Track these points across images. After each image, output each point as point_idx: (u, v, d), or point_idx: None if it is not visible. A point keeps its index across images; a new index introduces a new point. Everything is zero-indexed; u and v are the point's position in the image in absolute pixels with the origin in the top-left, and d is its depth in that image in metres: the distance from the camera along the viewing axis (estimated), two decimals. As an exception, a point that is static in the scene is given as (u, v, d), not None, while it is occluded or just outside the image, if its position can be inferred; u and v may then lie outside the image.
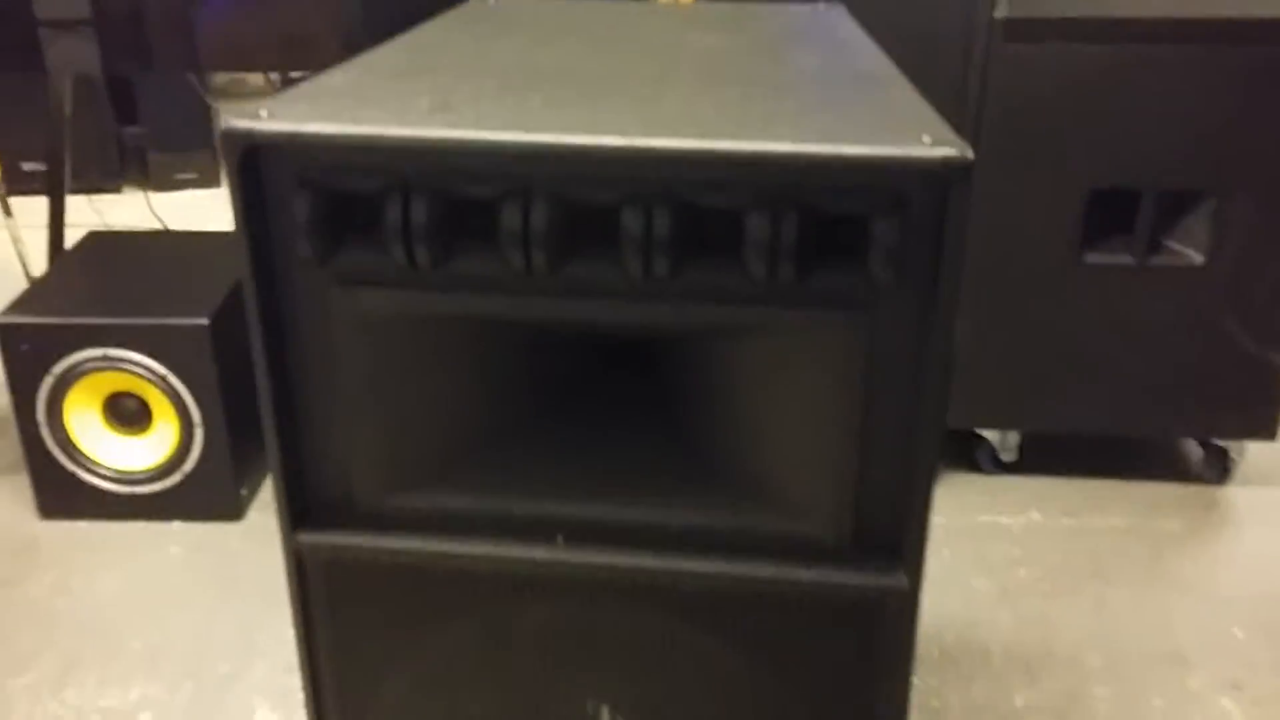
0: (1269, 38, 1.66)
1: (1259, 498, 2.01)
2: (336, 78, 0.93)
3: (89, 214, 2.28)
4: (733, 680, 0.95)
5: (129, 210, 3.15)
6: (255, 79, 3.95)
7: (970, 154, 0.75)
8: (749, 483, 0.89)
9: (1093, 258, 1.83)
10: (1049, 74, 1.71)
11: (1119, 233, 1.82)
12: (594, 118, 0.83)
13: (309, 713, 1.01)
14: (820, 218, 0.79)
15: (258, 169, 0.81)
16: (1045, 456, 2.05)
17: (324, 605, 0.96)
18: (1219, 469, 2.01)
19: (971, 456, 2.06)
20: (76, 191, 2.46)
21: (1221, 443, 1.99)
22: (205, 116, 3.36)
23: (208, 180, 3.40)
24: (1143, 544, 1.88)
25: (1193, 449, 2.10)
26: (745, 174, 0.78)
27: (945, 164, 0.75)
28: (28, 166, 3.00)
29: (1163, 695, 1.57)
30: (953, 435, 2.03)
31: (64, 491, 1.88)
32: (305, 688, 1.00)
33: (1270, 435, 1.92)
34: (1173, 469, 2.09)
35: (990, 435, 2.01)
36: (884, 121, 0.84)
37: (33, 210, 2.30)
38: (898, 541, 0.89)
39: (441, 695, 0.99)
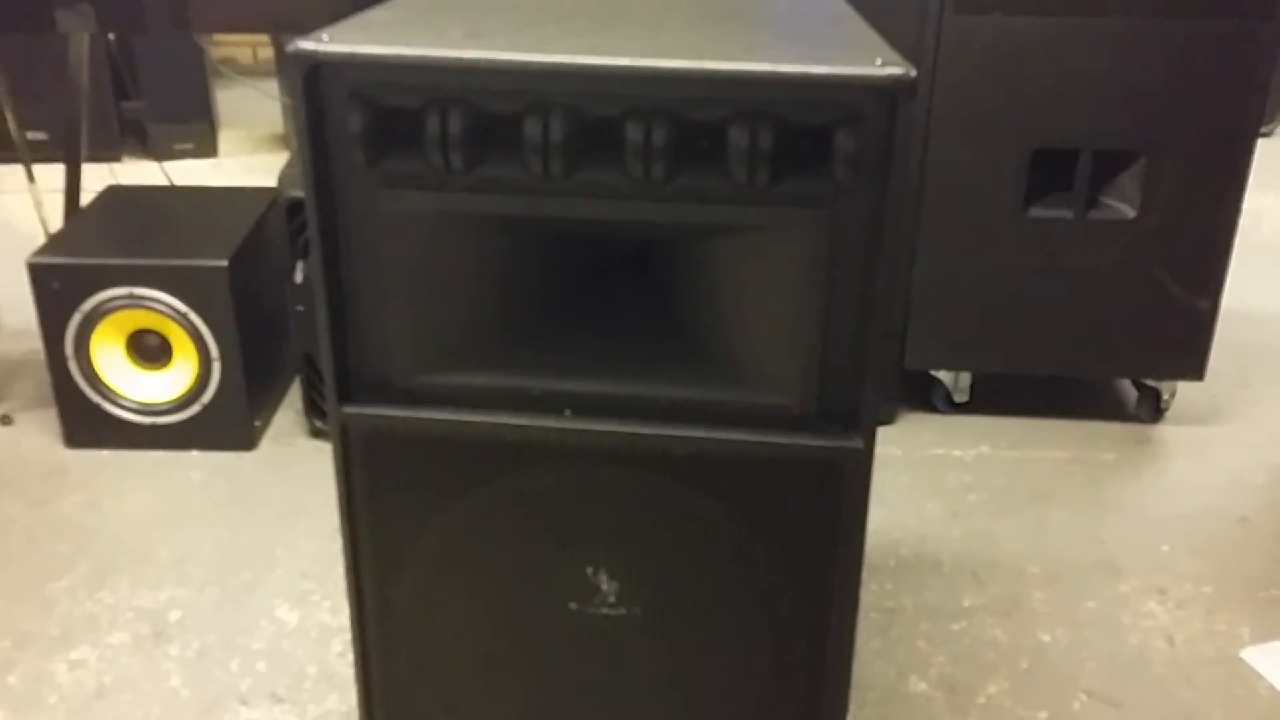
0: (1192, 12, 1.85)
1: (1188, 434, 2.20)
2: (380, 13, 1.09)
3: (94, 180, 2.40)
4: (714, 535, 1.11)
5: (133, 177, 3.28)
6: (245, 56, 4.10)
7: (914, 73, 0.92)
8: (729, 361, 1.05)
9: (1036, 212, 2.01)
10: (994, 43, 1.88)
11: (1059, 190, 2.00)
12: (603, 44, 0.99)
13: (347, 570, 1.16)
14: (790, 129, 0.95)
15: (319, 85, 0.97)
16: (995, 397, 2.23)
17: (363, 472, 1.12)
18: (1152, 408, 2.20)
19: (927, 397, 2.24)
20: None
21: (1154, 384, 2.18)
22: (203, 89, 3.50)
23: (205, 150, 3.54)
24: (1081, 473, 2.06)
25: (1128, 390, 2.29)
26: (728, 91, 0.94)
27: (893, 81, 0.91)
28: (31, 135, 3.13)
29: (1095, 598, 1.75)
30: (909, 378, 2.21)
31: (89, 422, 2.03)
32: (345, 547, 1.15)
33: (1198, 376, 2.10)
34: (1111, 409, 2.27)
35: (944, 377, 2.19)
36: (844, 49, 1.00)
37: (38, 176, 2.43)
38: (855, 410, 1.05)
39: (464, 556, 1.15)
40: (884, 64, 0.92)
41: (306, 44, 0.95)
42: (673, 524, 1.11)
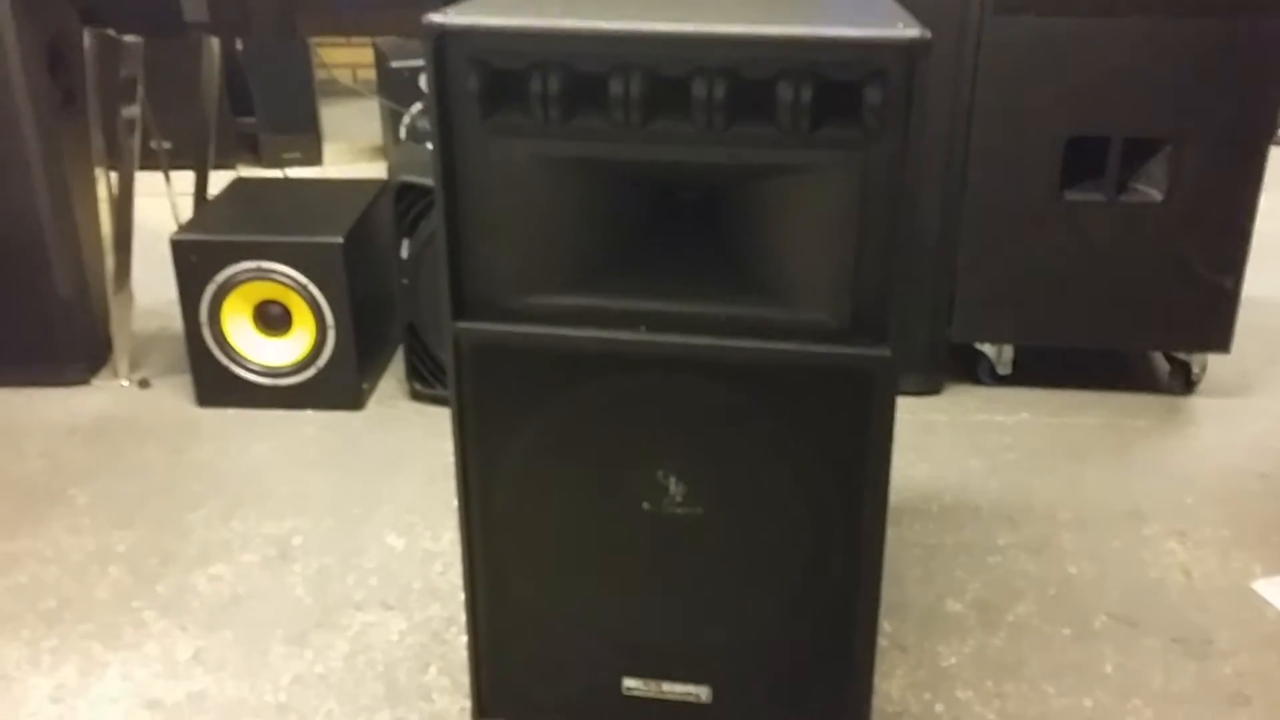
0: (1211, 11, 2.04)
1: (1216, 405, 2.36)
2: (492, -2, 1.33)
3: (215, 187, 2.68)
4: (763, 435, 1.31)
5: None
6: (345, 76, 4.41)
7: (929, 35, 1.13)
8: (777, 284, 1.26)
9: (1071, 195, 2.20)
10: (1029, 41, 2.09)
11: (1093, 175, 2.19)
12: (673, 14, 1.21)
13: (457, 464, 1.38)
14: (828, 85, 1.16)
15: (444, 52, 1.20)
16: (1037, 370, 2.42)
17: (471, 378, 1.34)
18: (1183, 380, 2.37)
19: (973, 370, 2.42)
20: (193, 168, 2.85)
21: (1184, 357, 2.35)
22: (310, 104, 3.81)
23: (310, 159, 3.84)
24: (1114, 436, 2.24)
25: (1162, 364, 2.46)
26: (776, 52, 1.15)
27: (912, 42, 1.13)
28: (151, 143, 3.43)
29: (1120, 539, 1.92)
30: (955, 351, 2.40)
31: (219, 384, 2.29)
32: (455, 443, 1.37)
33: (1224, 348, 2.27)
34: (1145, 382, 2.45)
35: (988, 350, 2.38)
36: (873, 17, 1.21)
37: (153, 182, 2.72)
38: (883, 324, 1.25)
39: (554, 456, 1.36)
40: (904, 28, 1.13)
41: (435, 17, 1.19)
42: (728, 426, 1.32)
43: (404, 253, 2.19)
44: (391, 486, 2.08)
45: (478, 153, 1.24)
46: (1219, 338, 2.26)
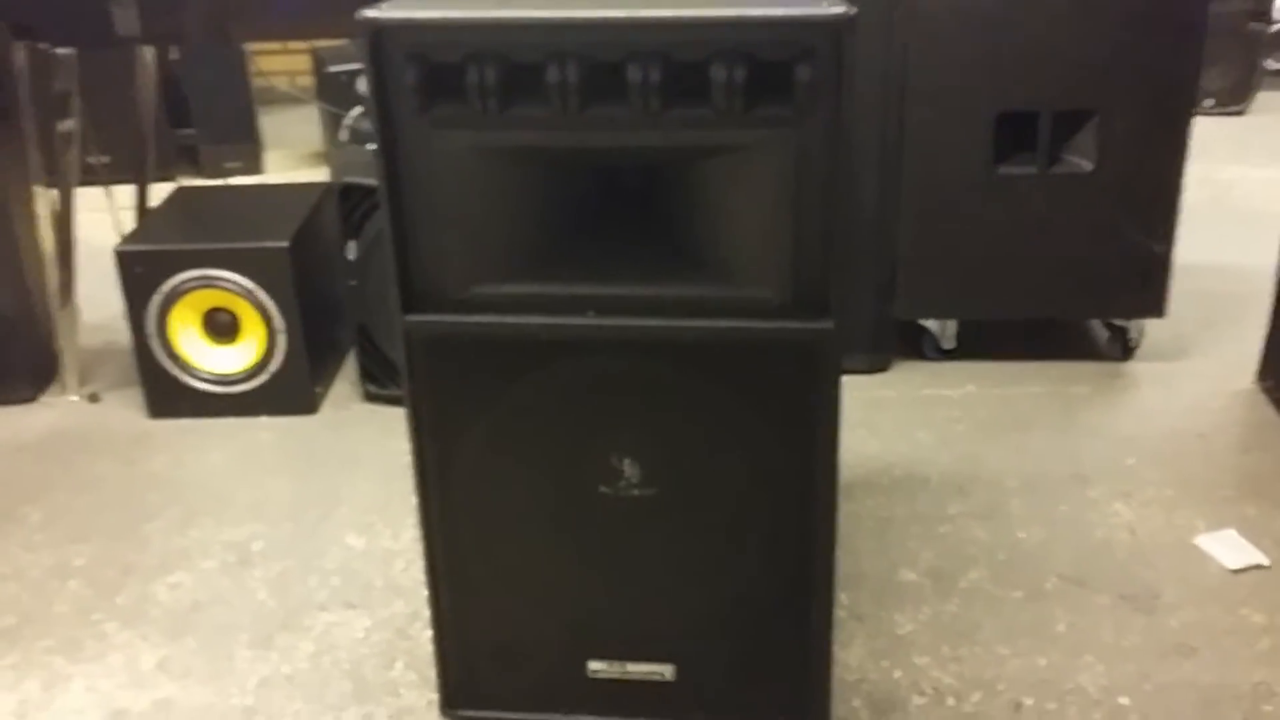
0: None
1: (1155, 369, 2.42)
2: (426, -7, 1.34)
3: (154, 199, 2.68)
4: (713, 413, 1.34)
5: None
6: (283, 84, 4.39)
7: (855, 12, 1.16)
8: (720, 263, 1.29)
9: (1004, 169, 2.25)
10: (955, 18, 2.13)
11: (1024, 149, 2.24)
12: (608, 2, 1.23)
13: (414, 458, 1.39)
14: (759, 65, 1.19)
15: (381, 46, 1.21)
16: (980, 343, 2.46)
17: (424, 371, 1.35)
18: (1121, 346, 2.42)
19: (919, 346, 2.47)
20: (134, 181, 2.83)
21: (1120, 323, 2.41)
22: (249, 114, 3.80)
23: (252, 168, 3.82)
24: (1058, 404, 2.29)
25: (1102, 333, 2.52)
26: (708, 35, 1.18)
27: (838, 19, 1.15)
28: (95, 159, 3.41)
29: (1067, 503, 1.97)
30: (901, 328, 2.44)
31: (170, 394, 2.28)
32: (411, 436, 1.38)
33: (1158, 313, 2.33)
34: (1086, 350, 2.50)
35: (932, 326, 2.42)
36: (800, -1, 1.24)
37: (93, 197, 2.71)
38: (825, 298, 1.28)
39: (509, 444, 1.38)
40: (830, 6, 1.16)
41: (370, 13, 1.20)
42: (679, 406, 1.34)
43: (350, 254, 2.20)
44: (349, 487, 2.09)
45: (419, 146, 1.26)
46: (1153, 303, 2.31)
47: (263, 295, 2.19)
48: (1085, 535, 1.88)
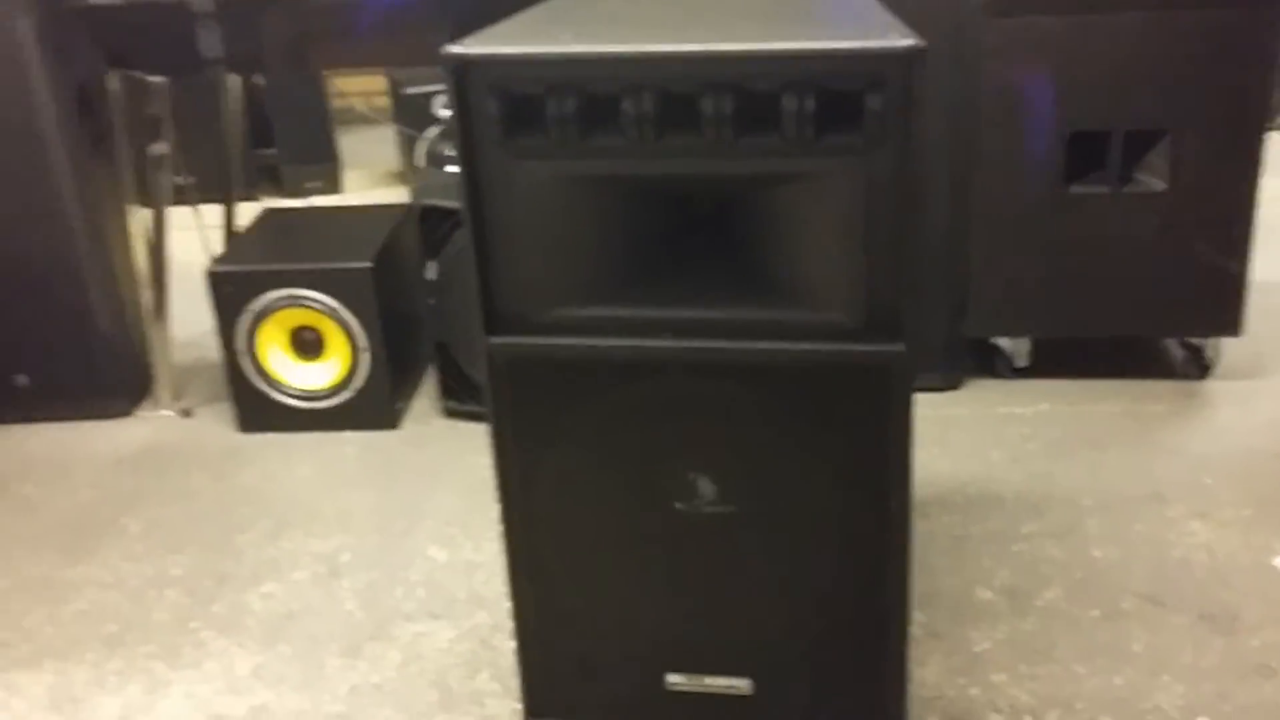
0: (1205, 3, 2.09)
1: (1232, 388, 2.40)
2: (506, 26, 1.39)
3: (242, 215, 2.77)
4: (787, 433, 1.37)
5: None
6: (360, 105, 4.50)
7: (924, 44, 1.19)
8: (793, 288, 1.32)
9: (1076, 189, 2.25)
10: (1026, 41, 2.15)
11: (1096, 168, 2.24)
12: (680, 35, 1.27)
13: (497, 475, 1.44)
14: (830, 95, 1.22)
15: (466, 80, 1.26)
16: (1054, 362, 2.46)
17: (506, 391, 1.40)
18: (1198, 365, 2.41)
19: (991, 364, 2.47)
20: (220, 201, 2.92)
21: (1197, 342, 2.39)
22: (328, 134, 3.90)
23: (331, 187, 3.93)
24: (1133, 422, 2.28)
25: (1176, 350, 2.50)
26: (779, 67, 1.21)
27: (908, 51, 1.18)
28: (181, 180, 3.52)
29: (1143, 522, 1.97)
30: (973, 346, 2.45)
31: (259, 409, 2.36)
32: (494, 453, 1.43)
33: (1234, 331, 2.31)
34: (1162, 368, 2.49)
35: (1005, 344, 2.42)
36: (870, 29, 1.27)
37: (182, 216, 2.80)
38: (897, 322, 1.31)
39: (589, 462, 1.42)
40: (900, 38, 1.19)
41: (455, 49, 1.25)
42: (754, 427, 1.37)
43: (431, 274, 2.26)
44: (431, 501, 2.15)
45: (501, 175, 1.30)
46: (1229, 321, 2.30)
47: (347, 314, 2.26)
48: (1162, 555, 1.88)
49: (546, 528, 1.47)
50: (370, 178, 4.13)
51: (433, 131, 3.72)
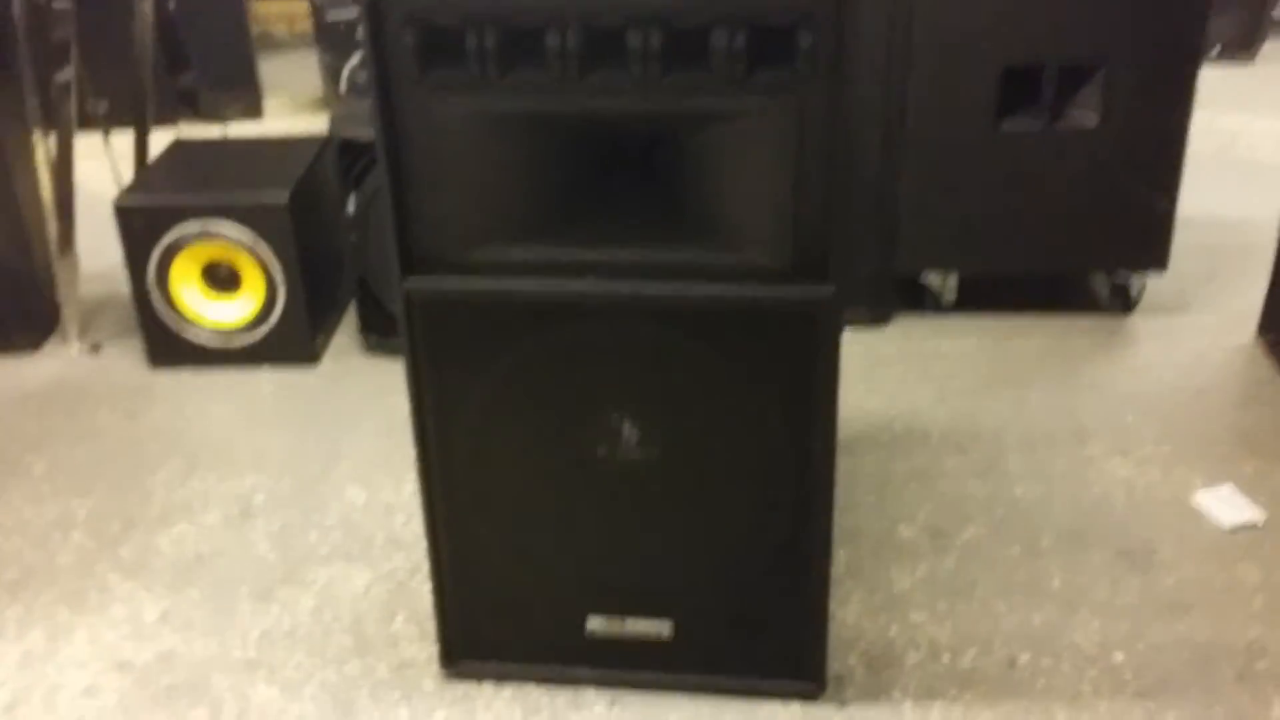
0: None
1: (1155, 324, 2.42)
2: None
3: (155, 145, 2.66)
4: (712, 378, 1.34)
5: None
6: (281, 30, 4.36)
7: (854, -21, 1.15)
8: (720, 229, 1.29)
9: (1008, 125, 2.23)
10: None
11: (1028, 104, 2.22)
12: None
13: (414, 418, 1.40)
14: (761, 31, 1.18)
15: (380, 12, 1.21)
16: (980, 298, 2.46)
17: (424, 333, 1.35)
18: (1122, 301, 2.42)
19: (919, 301, 2.46)
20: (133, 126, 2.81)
21: (1121, 278, 2.40)
22: (248, 59, 3.77)
23: (251, 114, 3.80)
24: (1058, 359, 2.29)
25: (1102, 286, 2.51)
26: (710, 2, 1.17)
27: (839, -14, 1.15)
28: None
29: (1064, 459, 1.98)
30: (902, 283, 2.44)
31: (170, 346, 2.29)
32: (411, 397, 1.39)
33: (1161, 266, 2.33)
34: (1087, 304, 2.50)
35: (933, 281, 2.42)
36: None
37: (92, 144, 2.70)
38: (825, 264, 1.28)
39: (509, 406, 1.39)
40: (832, -28, 1.15)
41: (370, -23, 1.19)
42: (679, 370, 1.35)
43: (350, 208, 2.19)
44: (350, 441, 2.10)
45: (418, 110, 1.25)
46: (1156, 257, 2.31)
47: (263, 249, 2.19)
48: (1083, 492, 1.89)
49: (464, 472, 1.44)
50: (293, 104, 4.01)
51: (356, 58, 3.61)
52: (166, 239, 2.18)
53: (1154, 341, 2.36)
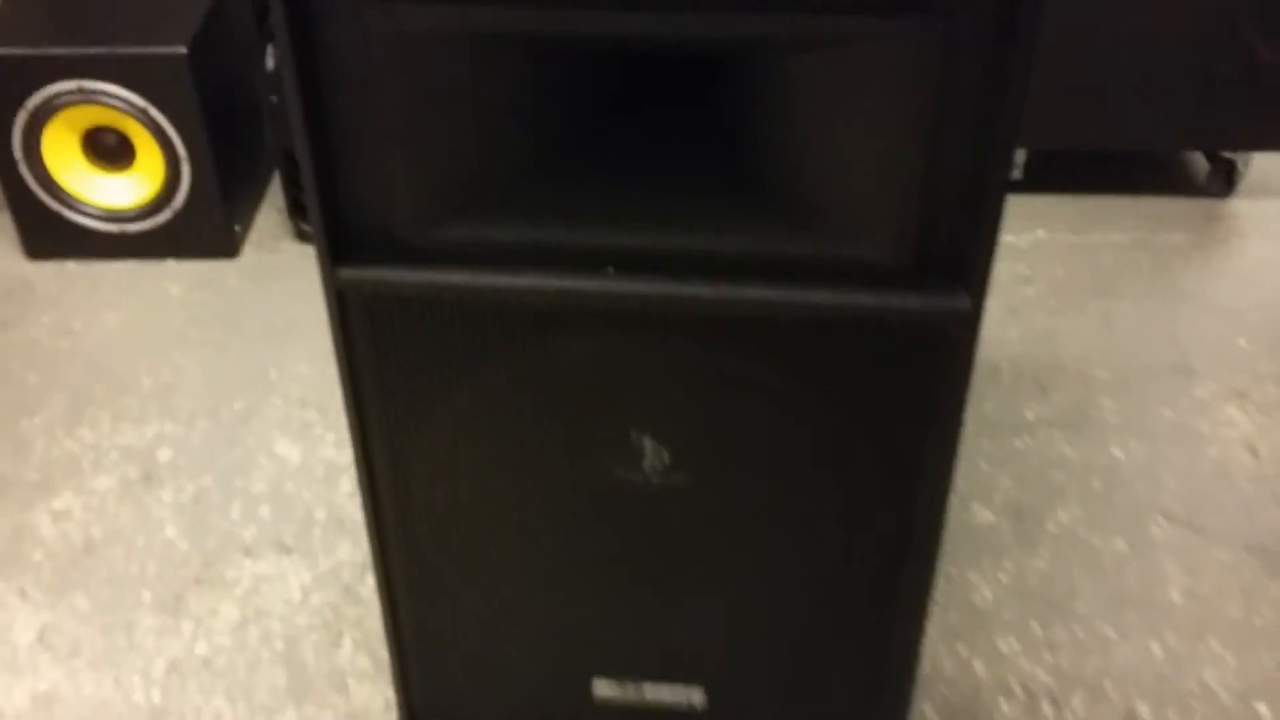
0: None
1: (1264, 209, 2.00)
2: None
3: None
4: (782, 405, 0.94)
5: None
6: None
7: None
8: (807, 205, 0.86)
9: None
10: None
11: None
12: None
13: (357, 458, 0.99)
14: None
15: None
16: (1051, 174, 2.02)
17: (367, 344, 0.93)
18: (1224, 181, 1.99)
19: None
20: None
21: (1228, 154, 1.97)
22: None
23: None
24: (1147, 258, 1.88)
25: (1198, 162, 2.08)
26: None
27: None
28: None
29: (1171, 405, 1.60)
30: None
31: (50, 231, 1.82)
32: (352, 431, 0.98)
33: (1276, 143, 1.89)
34: (1177, 183, 2.06)
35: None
36: None
37: None
38: (963, 262, 0.86)
39: (487, 430, 0.98)
40: None
41: None
42: (734, 395, 0.94)
43: (269, 62, 1.70)
44: (281, 365, 1.68)
45: (346, 23, 0.80)
46: (1277, 132, 1.87)
47: (157, 114, 1.70)
48: (1196, 454, 1.53)
49: (429, 508, 1.04)
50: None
51: None
52: (33, 101, 1.69)
53: (1262, 236, 1.93)
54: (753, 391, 0.93)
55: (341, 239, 0.88)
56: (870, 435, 0.94)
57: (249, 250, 1.92)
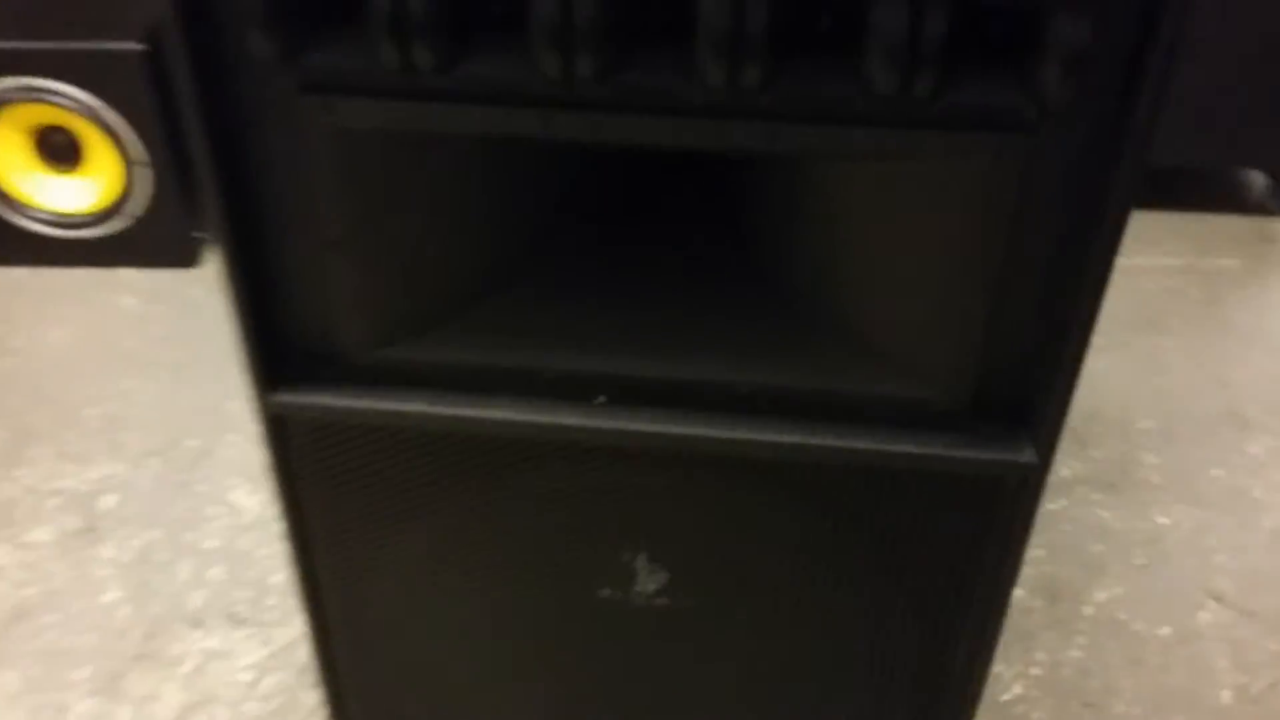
0: None
1: (1322, 230, 1.85)
2: None
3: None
4: (804, 546, 0.79)
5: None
6: None
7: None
8: (843, 333, 0.71)
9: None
10: None
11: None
12: None
13: (303, 602, 0.85)
14: (974, 9, 0.57)
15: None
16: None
17: (311, 477, 0.79)
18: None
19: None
20: None
21: (1281, 169, 1.81)
22: None
23: None
24: (1197, 286, 1.72)
25: (1255, 179, 1.90)
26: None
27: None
28: None
29: (1221, 464, 1.45)
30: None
31: (-5, 235, 1.67)
32: (295, 573, 0.83)
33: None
34: (1230, 200, 1.89)
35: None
36: None
37: None
38: (1027, 407, 0.71)
39: (453, 562, 0.83)
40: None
41: None
42: (749, 533, 0.79)
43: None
44: (242, 394, 1.52)
45: (280, 118, 0.64)
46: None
47: (111, 114, 1.54)
48: (1249, 524, 1.38)
49: (385, 644, 0.90)
50: None
51: None
52: (-28, 98, 1.53)
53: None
54: (772, 533, 0.79)
55: (278, 360, 0.73)
56: (905, 588, 0.80)
57: (211, 259, 1.75)
